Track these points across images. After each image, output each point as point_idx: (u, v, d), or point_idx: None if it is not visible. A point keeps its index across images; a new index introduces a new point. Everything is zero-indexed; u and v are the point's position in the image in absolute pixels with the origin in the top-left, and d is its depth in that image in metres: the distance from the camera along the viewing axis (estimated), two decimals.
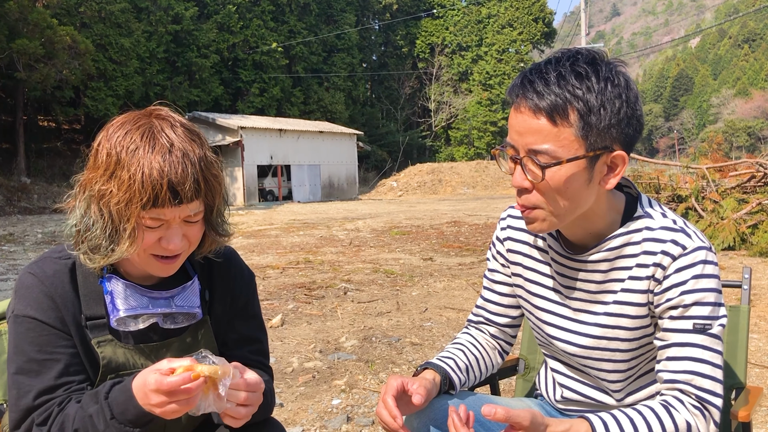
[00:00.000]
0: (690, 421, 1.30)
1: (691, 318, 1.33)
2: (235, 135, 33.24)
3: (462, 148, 55.07)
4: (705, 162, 13.37)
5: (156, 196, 1.24)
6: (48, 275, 1.36)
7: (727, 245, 9.77)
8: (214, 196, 1.35)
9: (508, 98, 1.37)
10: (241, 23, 41.84)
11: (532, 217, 1.38)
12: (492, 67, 55.73)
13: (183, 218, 1.31)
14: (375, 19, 57.33)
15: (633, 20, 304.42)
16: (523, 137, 1.31)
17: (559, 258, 1.53)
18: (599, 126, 1.28)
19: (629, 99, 1.30)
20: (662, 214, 1.41)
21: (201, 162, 1.30)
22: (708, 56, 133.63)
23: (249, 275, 1.64)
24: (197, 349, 1.46)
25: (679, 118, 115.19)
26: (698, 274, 1.33)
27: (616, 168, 1.34)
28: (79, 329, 1.37)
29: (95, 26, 32.09)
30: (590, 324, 1.48)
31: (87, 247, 1.33)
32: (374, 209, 24.70)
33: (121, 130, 1.30)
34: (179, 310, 1.43)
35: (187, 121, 1.37)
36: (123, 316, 1.37)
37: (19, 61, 24.45)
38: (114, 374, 1.38)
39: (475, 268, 8.71)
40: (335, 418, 3.48)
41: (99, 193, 1.28)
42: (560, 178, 1.30)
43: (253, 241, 13.10)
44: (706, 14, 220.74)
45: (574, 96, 1.26)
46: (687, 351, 1.33)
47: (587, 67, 1.28)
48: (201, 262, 1.53)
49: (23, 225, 18.45)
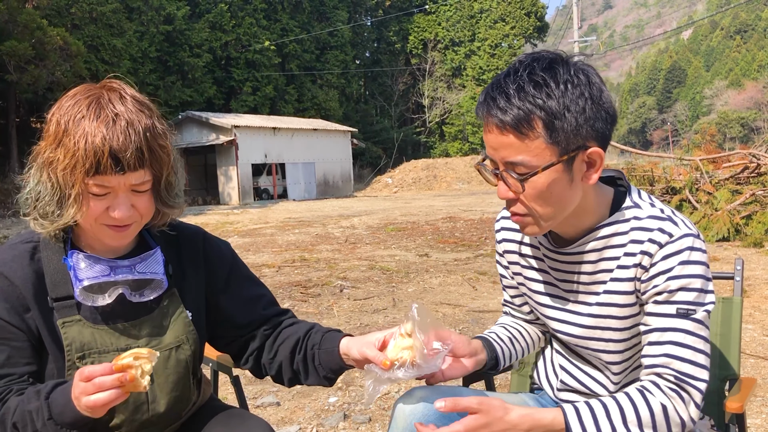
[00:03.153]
0: (666, 404, 1.30)
1: (675, 303, 1.34)
2: (229, 134, 33.17)
3: (456, 144, 55.06)
4: (698, 154, 13.39)
5: (98, 162, 1.28)
6: (6, 261, 1.38)
7: (721, 236, 9.81)
8: (161, 166, 1.37)
9: (477, 114, 1.38)
10: (234, 22, 41.73)
11: (524, 223, 1.42)
12: (485, 62, 55.70)
13: (129, 187, 1.34)
14: (367, 16, 57.25)
15: (625, 13, 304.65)
16: (498, 152, 1.34)
17: (550, 254, 1.56)
18: (567, 129, 1.29)
19: (593, 95, 1.31)
20: (650, 204, 1.43)
21: (147, 132, 1.32)
22: (700, 48, 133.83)
23: (223, 246, 1.68)
24: (168, 322, 1.49)
25: (672, 110, 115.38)
26: (685, 260, 1.33)
27: (595, 164, 1.35)
28: (44, 312, 1.38)
29: (86, 27, 31.94)
30: (584, 314, 1.51)
31: (37, 214, 1.37)
32: (369, 206, 24.70)
33: (72, 100, 1.35)
34: (142, 276, 1.43)
35: (138, 93, 1.40)
36: (87, 286, 1.38)
37: (10, 63, 24.33)
38: (80, 354, 1.38)
39: (470, 264, 8.72)
40: (332, 416, 3.48)
41: (48, 160, 1.32)
42: (542, 186, 1.32)
43: (248, 240, 13.08)
44: (698, 6, 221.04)
45: (535, 106, 1.28)
46: (668, 335, 1.33)
47: (544, 74, 1.29)
48: (166, 239, 1.55)
49: (17, 227, 18.38)
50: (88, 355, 1.39)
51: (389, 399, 3.72)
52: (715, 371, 1.80)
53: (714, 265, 7.78)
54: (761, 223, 9.66)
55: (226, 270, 1.63)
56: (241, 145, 33.58)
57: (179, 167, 1.46)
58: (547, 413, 1.30)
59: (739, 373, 1.81)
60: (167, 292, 1.49)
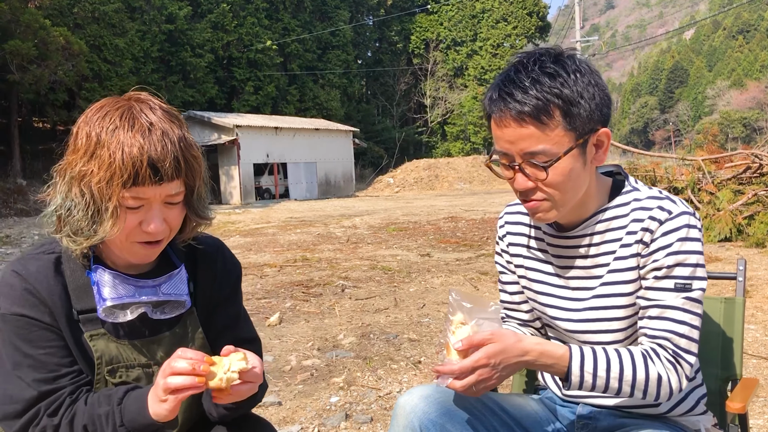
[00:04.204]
0: (662, 374, 1.40)
1: (673, 278, 1.42)
2: (230, 134, 33.19)
3: (458, 144, 55.06)
4: (701, 154, 13.36)
5: (137, 173, 1.25)
6: (31, 272, 1.35)
7: (723, 236, 9.79)
8: (194, 176, 1.36)
9: (488, 111, 1.44)
10: (235, 22, 41.75)
11: (541, 208, 1.47)
12: (487, 61, 55.70)
13: (164, 198, 1.32)
14: (369, 15, 57.26)
15: (627, 12, 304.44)
16: (516, 145, 1.40)
17: (554, 240, 1.61)
18: (582, 115, 1.38)
19: (598, 83, 1.41)
20: (649, 188, 1.52)
21: (181, 142, 1.31)
22: (703, 48, 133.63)
23: (237, 265, 1.64)
24: (188, 341, 1.47)
25: (674, 110, 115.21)
26: (683, 237, 1.42)
27: (603, 144, 1.45)
28: (70, 324, 1.36)
29: (89, 27, 31.96)
30: (588, 299, 1.55)
31: (69, 231, 1.32)
32: (371, 206, 24.70)
33: (100, 112, 1.32)
34: (166, 298, 1.42)
35: (166, 104, 1.38)
36: (110, 306, 1.37)
37: (12, 62, 24.33)
38: (109, 367, 1.38)
39: (472, 263, 8.72)
40: (334, 415, 3.48)
41: (80, 173, 1.28)
42: (563, 171, 1.40)
43: (250, 240, 13.09)
44: (700, 6, 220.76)
45: (552, 95, 1.36)
46: (668, 312, 1.42)
47: (554, 65, 1.38)
48: (185, 252, 1.53)
49: (20, 227, 18.40)
50: (117, 369, 1.39)
51: (390, 399, 3.72)
52: (717, 371, 1.80)
53: (716, 265, 7.77)
54: (764, 223, 9.63)
55: (227, 292, 1.60)
56: (243, 145, 33.59)
57: (207, 178, 1.44)
58: (558, 348, 1.40)
59: (741, 374, 1.81)
60: (188, 310, 1.48)
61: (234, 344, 1.56)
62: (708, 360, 1.78)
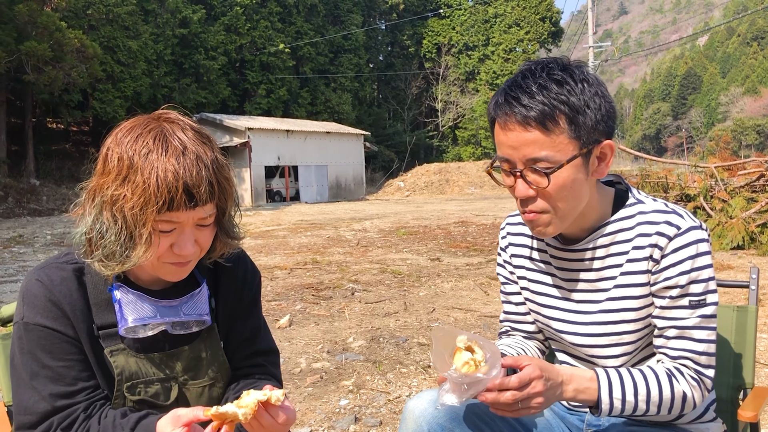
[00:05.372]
0: (687, 392, 1.42)
1: (687, 295, 1.42)
2: (242, 136, 33.31)
3: (469, 148, 54.96)
4: (713, 161, 13.29)
5: (171, 199, 1.23)
6: (55, 283, 1.34)
7: (736, 244, 9.72)
8: (226, 198, 1.34)
9: (493, 115, 1.43)
10: (249, 25, 41.90)
11: (540, 221, 1.44)
12: (499, 66, 55.60)
13: (196, 222, 1.30)
14: (381, 20, 57.31)
15: (640, 18, 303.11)
16: (519, 150, 1.38)
17: (557, 253, 1.59)
18: (588, 124, 1.37)
19: (605, 94, 1.40)
20: (653, 199, 1.50)
21: (214, 164, 1.29)
22: (716, 54, 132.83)
23: (257, 275, 1.63)
24: (205, 357, 1.47)
25: (687, 116, 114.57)
26: (694, 254, 1.41)
27: (606, 157, 1.44)
28: (91, 338, 1.36)
29: (103, 29, 32.19)
30: (594, 312, 1.53)
31: (102, 255, 1.30)
32: (381, 209, 24.71)
33: (131, 134, 1.28)
34: (187, 318, 1.42)
35: (196, 123, 1.36)
36: (132, 326, 1.37)
37: (28, 63, 24.54)
38: (129, 383, 1.38)
39: (482, 268, 8.70)
40: (343, 418, 3.48)
41: (112, 198, 1.26)
42: (564, 180, 1.38)
43: (260, 242, 13.13)
44: (714, 12, 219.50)
45: (559, 101, 1.34)
46: (687, 332, 1.43)
47: (562, 73, 1.37)
48: (209, 267, 1.52)
49: (32, 226, 18.54)
50: (136, 385, 1.39)
51: (400, 402, 3.72)
52: (729, 380, 1.79)
53: (728, 273, 7.72)
54: None
55: (249, 299, 1.60)
56: (255, 148, 33.70)
57: (237, 199, 1.42)
58: (587, 373, 1.41)
59: (754, 383, 1.80)
60: (208, 326, 1.48)
61: (252, 356, 1.57)
62: (720, 368, 1.77)
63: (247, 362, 1.57)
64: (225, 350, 1.54)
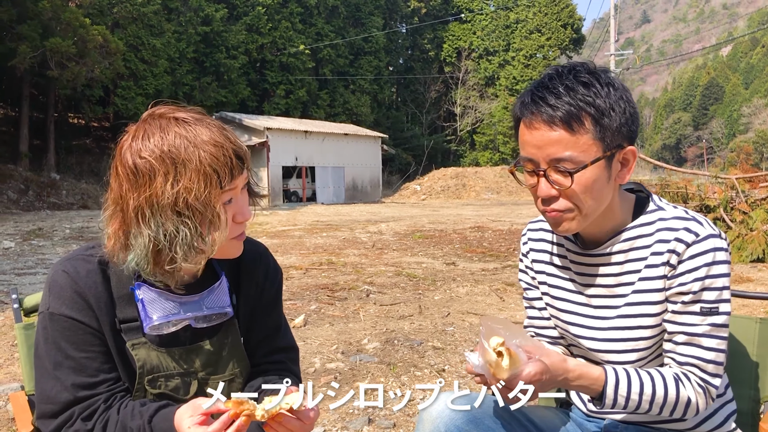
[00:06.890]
0: (692, 397, 1.44)
1: (699, 302, 1.42)
2: (261, 136, 33.49)
3: (487, 153, 54.83)
4: (734, 172, 13.15)
5: (231, 168, 1.28)
6: (81, 275, 1.36)
7: (756, 257, 9.60)
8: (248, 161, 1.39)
9: (519, 115, 1.45)
10: (270, 25, 42.13)
11: (562, 219, 1.46)
12: (519, 72, 55.41)
13: (243, 185, 1.36)
14: (402, 23, 57.37)
15: (663, 27, 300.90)
16: (543, 150, 1.39)
17: (577, 258, 1.60)
18: (612, 127, 1.38)
19: (630, 99, 1.42)
20: (673, 207, 1.51)
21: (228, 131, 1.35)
22: (740, 65, 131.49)
23: (279, 272, 1.64)
24: (225, 353, 1.48)
25: (708, 127, 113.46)
26: (710, 261, 1.41)
27: (628, 163, 1.45)
28: (113, 331, 1.38)
29: (129, 27, 32.58)
30: (612, 318, 1.54)
31: (181, 257, 1.30)
32: (397, 212, 24.71)
33: (145, 137, 1.28)
34: (210, 312, 1.44)
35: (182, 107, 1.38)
36: (156, 324, 1.39)
37: (52, 59, 24.85)
38: (150, 377, 1.39)
39: (498, 274, 8.68)
40: (356, 419, 3.49)
41: (174, 198, 1.25)
42: (587, 181, 1.39)
43: (276, 242, 13.18)
44: (738, 22, 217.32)
45: (585, 103, 1.36)
46: (696, 339, 1.44)
47: (589, 76, 1.40)
48: (228, 261, 1.53)
49: (52, 220, 18.76)
50: (157, 378, 1.40)
51: (413, 405, 3.72)
52: (751, 392, 1.78)
53: (748, 286, 7.63)
54: None
55: (269, 297, 1.61)
56: (273, 147, 33.88)
57: None
58: (595, 370, 1.44)
59: None
60: (229, 320, 1.50)
61: (272, 352, 1.58)
62: (741, 380, 1.76)
63: (267, 359, 1.59)
64: (245, 346, 1.55)
